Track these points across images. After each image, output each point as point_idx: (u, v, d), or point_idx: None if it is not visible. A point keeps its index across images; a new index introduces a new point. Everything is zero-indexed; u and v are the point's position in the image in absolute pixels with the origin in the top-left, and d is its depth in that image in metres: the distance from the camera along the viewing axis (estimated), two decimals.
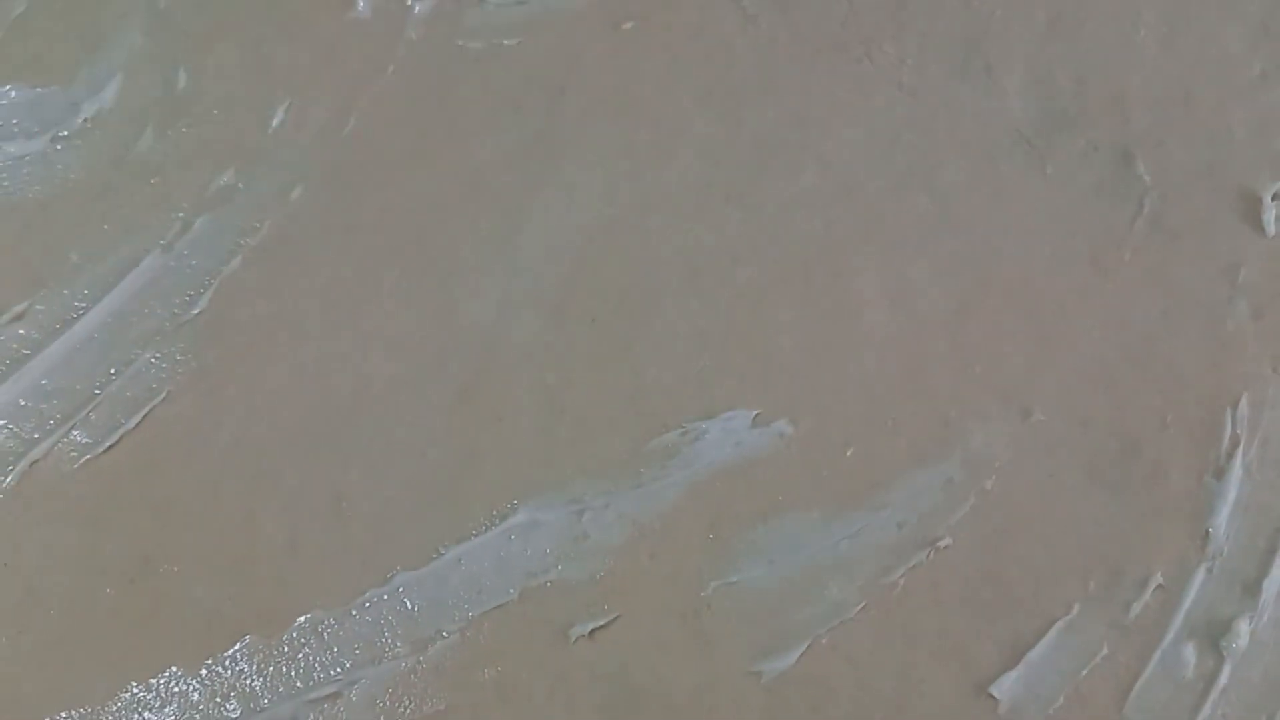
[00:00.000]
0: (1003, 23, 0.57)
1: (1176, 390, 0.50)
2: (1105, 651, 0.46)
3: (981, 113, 0.55)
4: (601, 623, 0.45)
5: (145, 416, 0.47)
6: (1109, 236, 0.53)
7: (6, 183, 0.51)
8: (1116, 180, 0.54)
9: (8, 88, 0.53)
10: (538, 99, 0.55)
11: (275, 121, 0.53)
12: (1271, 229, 0.53)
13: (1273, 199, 0.54)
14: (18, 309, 0.49)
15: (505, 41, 0.56)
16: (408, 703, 0.43)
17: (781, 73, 0.55)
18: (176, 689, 0.43)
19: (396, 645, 0.44)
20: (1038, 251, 0.53)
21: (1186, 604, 0.47)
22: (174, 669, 0.43)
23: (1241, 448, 0.49)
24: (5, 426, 0.47)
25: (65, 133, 0.53)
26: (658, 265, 0.51)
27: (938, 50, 0.57)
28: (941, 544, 0.47)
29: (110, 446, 0.47)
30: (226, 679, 0.43)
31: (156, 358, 0.48)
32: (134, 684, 0.43)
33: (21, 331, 0.49)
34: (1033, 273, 0.52)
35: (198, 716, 0.43)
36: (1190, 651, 0.46)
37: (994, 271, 0.52)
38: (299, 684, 0.43)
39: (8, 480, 0.46)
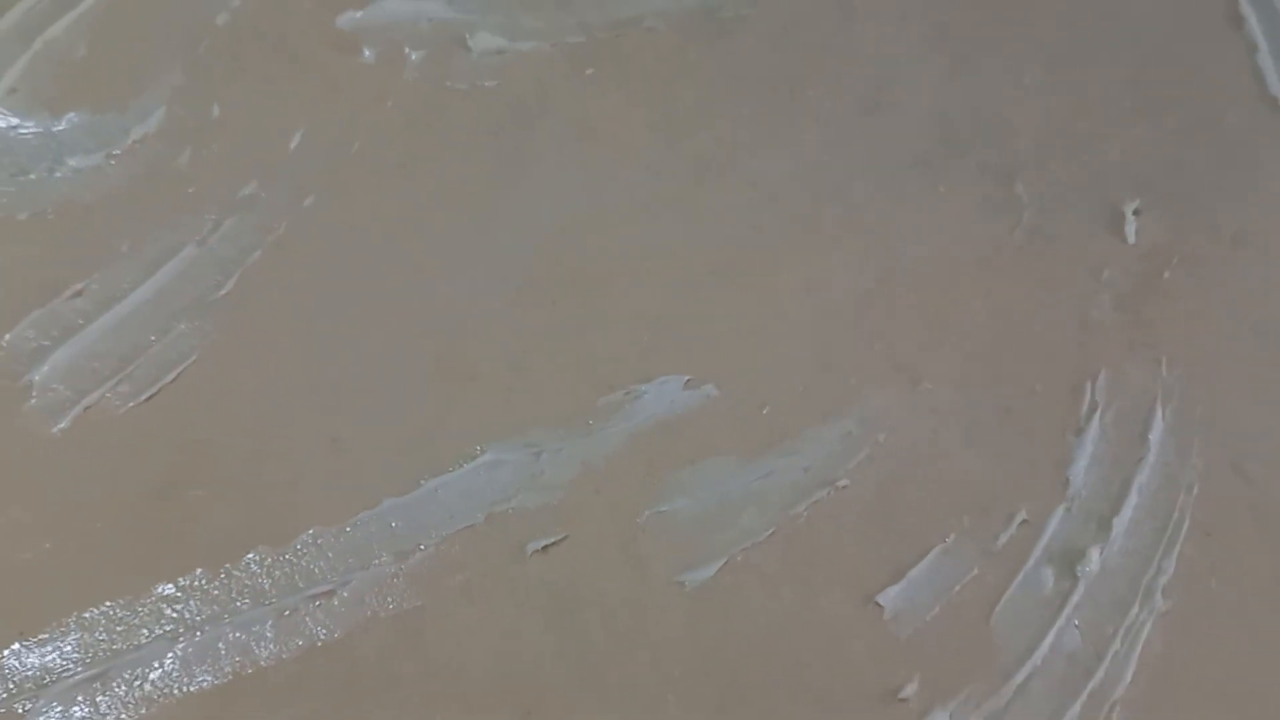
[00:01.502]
0: (908, 69, 0.67)
1: (1045, 365, 0.58)
2: (975, 572, 0.53)
3: (887, 141, 0.64)
4: (552, 540, 0.52)
5: (179, 374, 0.55)
6: (991, 242, 0.61)
7: (68, 189, 0.59)
8: (1000, 197, 0.63)
9: (71, 114, 0.61)
10: (511, 127, 0.63)
11: (293, 144, 0.61)
12: (1132, 239, 0.62)
13: (1134, 214, 0.63)
14: (77, 287, 0.56)
15: (486, 83, 0.64)
16: (390, 600, 0.50)
17: (717, 107, 0.64)
18: (198, 586, 0.50)
19: (382, 556, 0.51)
20: (930, 252, 0.61)
21: (1047, 536, 0.54)
22: (198, 571, 0.51)
23: (1099, 412, 0.57)
24: (64, 379, 0.55)
25: (118, 151, 0.60)
26: (609, 260, 0.59)
27: (851, 90, 0.66)
28: (840, 484, 0.54)
29: (149, 397, 0.54)
30: (241, 579, 0.51)
31: (189, 328, 0.56)
32: (164, 583, 0.50)
33: (79, 304, 0.56)
34: (925, 270, 0.60)
35: (215, 607, 0.50)
36: (1049, 574, 0.53)
37: (893, 268, 0.60)
38: (300, 584, 0.51)
39: (64, 423, 0.53)
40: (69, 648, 0.49)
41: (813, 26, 0.67)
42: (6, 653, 0.49)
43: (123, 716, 0.48)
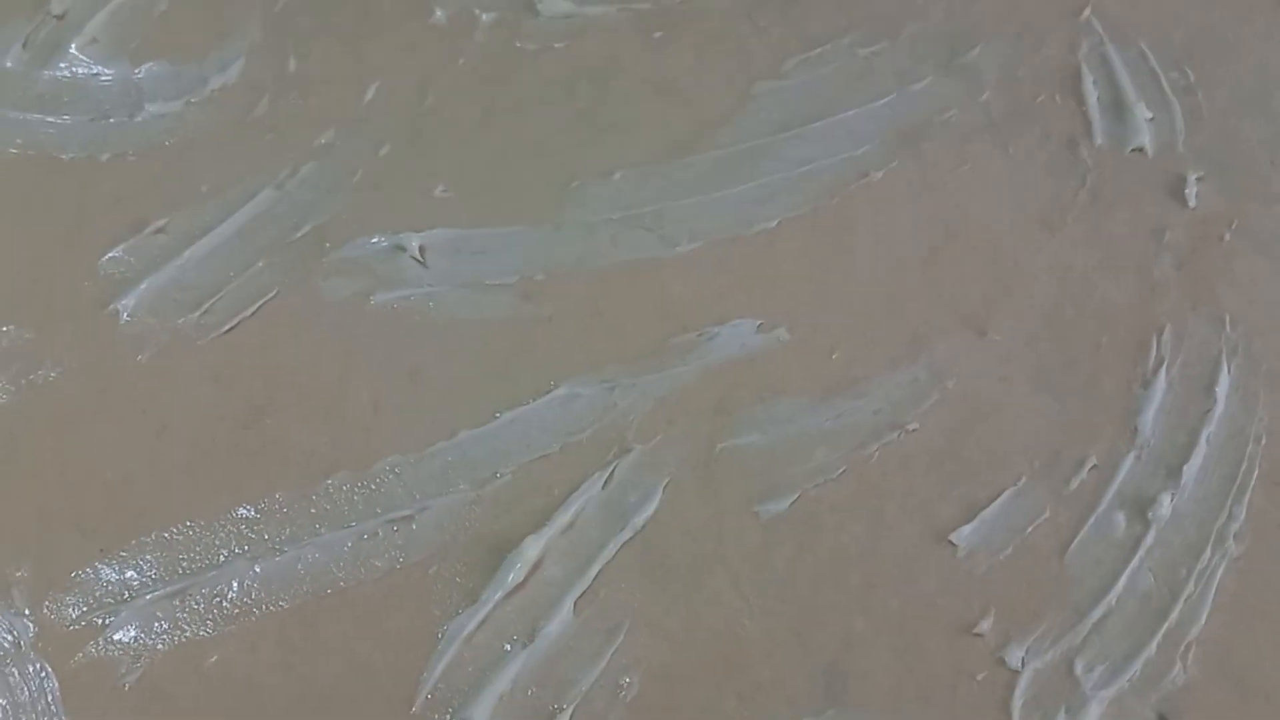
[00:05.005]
0: (981, 33, 0.68)
1: (1110, 321, 0.58)
2: (1048, 514, 0.53)
3: (960, 103, 0.65)
4: (627, 468, 0.53)
5: (259, 308, 0.55)
6: (1055, 204, 0.62)
7: (149, 132, 0.61)
8: (1065, 161, 0.63)
9: (151, 64, 0.63)
10: (585, 85, 0.64)
11: (368, 96, 0.62)
12: (1193, 202, 0.63)
13: (1197, 180, 0.64)
14: (159, 223, 0.57)
15: (556, 45, 0.65)
16: (467, 525, 0.50)
17: (791, 66, 0.65)
18: (278, 510, 0.51)
19: (460, 484, 0.52)
20: (997, 212, 0.61)
21: (1118, 481, 0.54)
22: (278, 495, 0.51)
23: (1165, 365, 0.58)
24: (150, 309, 0.55)
25: (196, 99, 0.62)
26: (685, 208, 0.60)
27: (927, 51, 0.67)
28: (910, 428, 0.55)
29: (231, 329, 0.55)
30: (320, 503, 0.51)
31: (268, 264, 0.57)
32: (244, 505, 0.51)
33: (161, 240, 0.57)
34: (992, 228, 0.61)
35: (294, 529, 0.50)
36: (1121, 518, 0.53)
37: (961, 225, 0.61)
38: (378, 509, 0.51)
39: (150, 351, 0.54)
40: (148, 565, 0.50)
41: None
42: (86, 569, 0.50)
43: (200, 632, 0.49)
